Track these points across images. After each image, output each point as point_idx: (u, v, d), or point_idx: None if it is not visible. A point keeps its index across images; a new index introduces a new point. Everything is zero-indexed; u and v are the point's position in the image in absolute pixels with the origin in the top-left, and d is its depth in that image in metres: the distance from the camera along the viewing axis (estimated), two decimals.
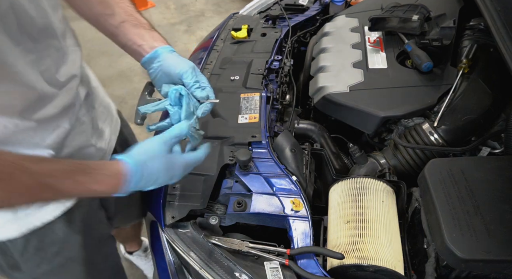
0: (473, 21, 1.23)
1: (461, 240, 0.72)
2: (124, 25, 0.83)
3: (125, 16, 0.83)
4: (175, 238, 0.87)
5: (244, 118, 1.05)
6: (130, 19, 0.84)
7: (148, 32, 0.84)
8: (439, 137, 1.02)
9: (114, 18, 0.83)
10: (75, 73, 0.79)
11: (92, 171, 0.64)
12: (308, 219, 0.84)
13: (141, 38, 0.83)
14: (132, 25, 0.84)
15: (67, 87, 0.76)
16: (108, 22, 0.83)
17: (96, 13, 0.82)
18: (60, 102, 0.74)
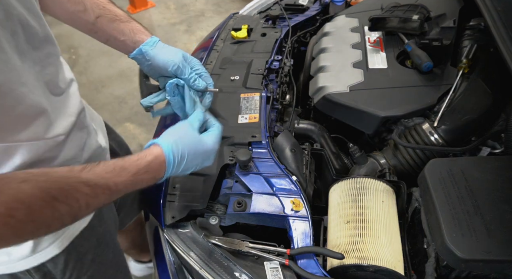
0: (473, 21, 1.23)
1: (461, 240, 0.72)
2: (101, 20, 0.80)
3: (99, 10, 0.80)
4: (175, 238, 0.87)
5: (244, 118, 1.05)
6: (105, 13, 0.80)
7: (126, 25, 0.82)
8: (439, 137, 1.02)
9: (88, 14, 0.79)
10: (71, 77, 0.78)
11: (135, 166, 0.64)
12: (308, 219, 0.84)
13: (121, 33, 0.81)
14: (108, 19, 0.80)
15: (67, 93, 0.75)
16: (83, 19, 0.79)
17: (68, 11, 0.79)
18: (71, 109, 0.74)
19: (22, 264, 0.72)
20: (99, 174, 0.60)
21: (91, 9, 0.79)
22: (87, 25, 0.80)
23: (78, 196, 0.56)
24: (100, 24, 0.80)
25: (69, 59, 3.00)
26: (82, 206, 0.57)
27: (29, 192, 0.51)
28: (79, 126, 0.76)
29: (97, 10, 0.80)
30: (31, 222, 0.51)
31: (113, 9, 0.82)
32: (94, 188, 0.58)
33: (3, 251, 0.68)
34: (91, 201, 0.58)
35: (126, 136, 2.46)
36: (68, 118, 0.72)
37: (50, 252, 0.74)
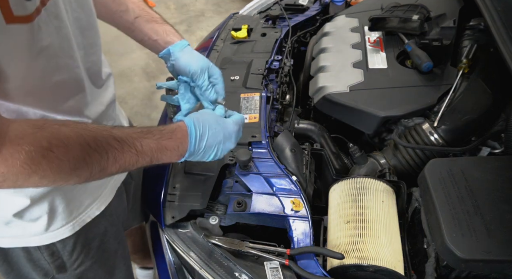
0: (473, 21, 1.23)
1: (461, 240, 0.72)
2: (139, 21, 0.88)
3: (139, 11, 0.88)
4: (175, 238, 0.87)
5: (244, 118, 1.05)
6: (143, 14, 0.89)
7: (161, 26, 0.90)
8: (439, 137, 1.02)
9: (129, 14, 0.87)
10: (109, 71, 0.86)
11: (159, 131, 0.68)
12: (308, 219, 0.84)
13: (155, 33, 0.88)
14: (146, 20, 0.88)
15: (106, 85, 0.82)
16: (123, 19, 0.87)
17: (112, 11, 0.86)
18: (105, 99, 0.80)
19: (35, 240, 0.76)
20: (128, 133, 0.64)
21: (132, 10, 0.87)
22: (126, 24, 0.88)
23: (107, 148, 0.60)
24: (138, 23, 0.88)
25: None
26: (110, 159, 0.60)
27: (68, 134, 0.55)
28: (106, 116, 0.82)
29: (137, 11, 0.88)
30: (67, 161, 0.55)
31: (150, 12, 0.91)
32: (122, 144, 0.61)
33: (19, 225, 0.73)
34: (118, 156, 0.61)
35: None
36: (99, 106, 0.78)
37: (61, 233, 0.78)
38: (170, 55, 0.89)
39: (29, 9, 0.53)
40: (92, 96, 0.75)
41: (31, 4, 0.53)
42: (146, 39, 0.89)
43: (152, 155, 0.66)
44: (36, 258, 0.79)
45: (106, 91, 0.82)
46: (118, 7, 0.87)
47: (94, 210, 0.83)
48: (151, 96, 2.71)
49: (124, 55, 2.99)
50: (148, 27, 0.89)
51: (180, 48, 0.89)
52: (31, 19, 0.53)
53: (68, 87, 0.67)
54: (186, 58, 0.88)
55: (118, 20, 0.88)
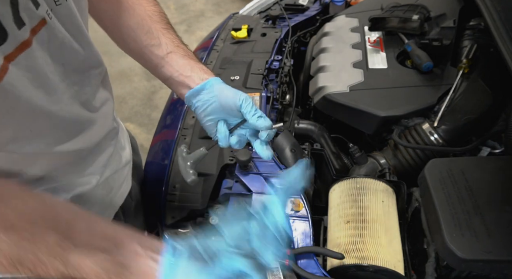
0: (473, 21, 1.23)
1: (461, 240, 0.72)
2: (171, 56, 0.78)
3: (172, 47, 0.79)
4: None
5: None
6: (178, 50, 0.79)
7: (197, 63, 0.80)
8: (439, 137, 1.02)
9: (161, 49, 0.78)
10: (108, 96, 0.79)
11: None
12: (308, 219, 0.84)
13: (190, 69, 0.78)
14: (180, 56, 0.79)
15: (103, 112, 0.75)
16: (154, 54, 0.78)
17: (142, 45, 0.78)
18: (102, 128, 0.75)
19: None
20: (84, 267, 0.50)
21: (165, 44, 0.78)
22: (155, 60, 0.79)
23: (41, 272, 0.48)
24: (169, 58, 0.78)
25: None
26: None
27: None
28: (105, 144, 0.77)
29: (171, 47, 0.79)
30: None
31: (186, 49, 0.81)
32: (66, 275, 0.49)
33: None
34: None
35: None
36: (95, 136, 0.73)
37: None
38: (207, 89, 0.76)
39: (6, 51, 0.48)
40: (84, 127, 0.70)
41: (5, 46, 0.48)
42: (176, 75, 0.78)
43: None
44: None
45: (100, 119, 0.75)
46: (150, 41, 0.78)
47: None
48: (151, 96, 2.71)
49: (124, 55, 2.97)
50: (182, 62, 0.78)
51: (219, 81, 0.78)
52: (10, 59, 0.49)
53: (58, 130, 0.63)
54: (229, 90, 0.76)
55: (148, 55, 0.79)
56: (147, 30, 0.78)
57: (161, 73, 0.80)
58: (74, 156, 0.70)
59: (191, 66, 0.78)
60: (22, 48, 0.51)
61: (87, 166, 0.75)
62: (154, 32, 0.78)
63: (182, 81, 0.78)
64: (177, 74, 0.78)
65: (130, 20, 0.77)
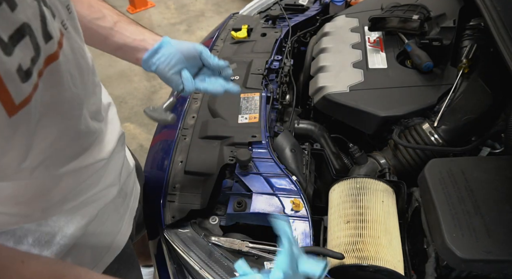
0: (473, 21, 1.23)
1: (461, 240, 0.72)
2: (119, 24, 0.80)
3: (116, 16, 0.81)
4: (175, 238, 0.87)
5: (244, 118, 1.05)
6: (123, 19, 0.82)
7: (144, 28, 0.84)
8: (439, 137, 1.02)
9: (106, 20, 0.79)
10: (109, 100, 0.80)
11: None
12: (308, 219, 0.84)
13: (141, 33, 0.81)
14: (127, 23, 0.82)
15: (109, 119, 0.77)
16: (101, 26, 0.79)
17: (86, 20, 0.77)
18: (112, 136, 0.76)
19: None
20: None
21: (109, 15, 0.80)
22: (103, 31, 0.79)
23: None
24: (118, 27, 0.80)
25: None
26: None
27: None
28: (117, 150, 0.77)
29: (115, 16, 0.81)
30: None
31: (127, 17, 0.84)
32: None
33: None
34: None
35: (126, 137, 2.46)
36: (108, 144, 0.73)
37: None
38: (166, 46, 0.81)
39: (27, 91, 0.46)
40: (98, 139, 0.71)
41: (28, 85, 0.45)
42: (131, 41, 0.80)
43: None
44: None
45: (109, 126, 0.76)
46: (94, 15, 0.78)
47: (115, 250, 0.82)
48: (151, 96, 2.71)
49: None
50: (131, 28, 0.81)
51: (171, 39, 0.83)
52: (29, 100, 0.46)
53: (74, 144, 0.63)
54: (185, 42, 0.82)
55: (95, 29, 0.79)
56: (88, 5, 0.78)
57: (113, 43, 0.81)
58: (92, 169, 0.69)
59: (140, 30, 0.82)
60: (47, 63, 0.50)
61: (107, 176, 0.75)
62: (95, 5, 0.79)
63: (137, 46, 0.80)
64: (131, 40, 0.80)
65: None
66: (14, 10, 0.42)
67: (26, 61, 0.45)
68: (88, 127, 0.65)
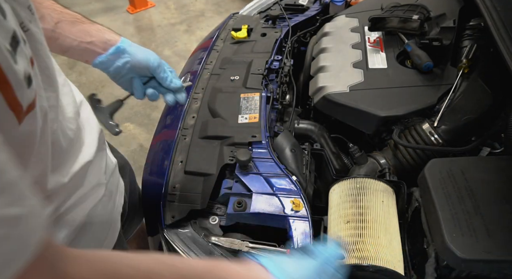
0: (473, 21, 1.23)
1: (461, 240, 0.72)
2: (61, 25, 0.72)
3: (57, 15, 0.73)
4: (175, 238, 0.87)
5: (244, 118, 1.05)
6: (65, 17, 0.73)
7: (90, 25, 0.76)
8: (439, 137, 1.02)
9: (46, 21, 0.71)
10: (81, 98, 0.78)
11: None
12: (308, 219, 0.84)
13: (88, 34, 0.74)
14: (70, 23, 0.73)
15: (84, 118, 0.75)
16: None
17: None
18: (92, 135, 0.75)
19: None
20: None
21: (48, 15, 0.72)
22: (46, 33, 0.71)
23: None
24: (61, 29, 0.72)
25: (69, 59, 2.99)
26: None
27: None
28: (100, 149, 0.76)
29: (55, 15, 0.72)
30: None
31: (71, 12, 0.75)
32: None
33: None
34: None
35: (126, 137, 2.46)
36: (90, 145, 0.73)
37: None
38: (120, 54, 0.76)
39: (31, 96, 0.45)
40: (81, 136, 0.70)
41: (31, 91, 0.45)
42: (76, 44, 0.73)
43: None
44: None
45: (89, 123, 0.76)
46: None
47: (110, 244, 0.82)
48: None
49: None
50: (75, 30, 0.73)
51: (128, 44, 0.77)
52: (34, 106, 0.46)
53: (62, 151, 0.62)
54: (141, 53, 0.78)
55: None
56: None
57: (58, 46, 0.75)
58: (79, 171, 0.69)
59: (87, 31, 0.74)
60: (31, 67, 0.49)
61: (93, 177, 0.75)
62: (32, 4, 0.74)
63: (84, 49, 0.75)
64: (76, 43, 0.74)
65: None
66: (6, 17, 0.40)
67: (27, 67, 0.45)
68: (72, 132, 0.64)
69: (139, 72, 0.80)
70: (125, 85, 0.83)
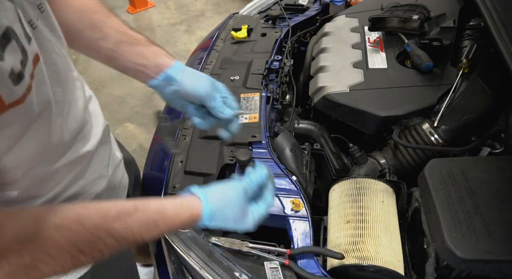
0: (473, 21, 1.23)
1: (461, 240, 0.72)
2: (120, 46, 0.76)
3: (119, 35, 0.76)
4: (175, 238, 0.87)
5: (244, 118, 1.05)
6: (125, 38, 0.76)
7: (147, 47, 0.78)
8: (439, 137, 1.02)
9: (107, 41, 0.75)
10: (90, 93, 0.80)
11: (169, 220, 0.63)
12: (308, 219, 0.84)
13: (142, 57, 0.76)
14: (129, 44, 0.76)
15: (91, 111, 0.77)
16: (102, 47, 0.75)
17: (88, 40, 0.75)
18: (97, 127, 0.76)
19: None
20: (130, 227, 0.58)
21: (109, 35, 0.75)
22: (106, 52, 0.76)
23: (102, 248, 0.56)
24: (120, 50, 0.76)
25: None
26: (104, 256, 0.57)
27: (58, 243, 0.52)
28: (103, 142, 0.77)
29: (117, 36, 0.76)
30: (51, 271, 0.52)
31: (133, 34, 0.78)
32: (120, 242, 0.57)
33: None
34: (114, 251, 0.58)
35: (126, 137, 2.46)
36: (94, 136, 0.74)
37: (78, 272, 0.75)
38: (169, 81, 0.76)
39: (19, 93, 0.48)
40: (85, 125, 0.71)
41: (20, 87, 0.47)
42: (132, 66, 0.76)
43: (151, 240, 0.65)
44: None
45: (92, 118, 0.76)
46: (94, 35, 0.74)
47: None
48: (151, 96, 2.70)
49: None
50: (132, 51, 0.75)
51: (180, 70, 0.77)
52: (23, 100, 0.48)
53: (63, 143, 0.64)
54: (191, 80, 0.76)
55: (95, 48, 0.76)
56: (90, 23, 0.75)
57: (117, 65, 0.78)
58: (78, 165, 0.70)
59: (142, 53, 0.76)
60: (35, 64, 0.51)
61: (95, 168, 0.75)
62: (97, 23, 0.75)
63: (138, 71, 0.77)
64: (132, 65, 0.77)
65: (69, 15, 0.73)
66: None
67: (17, 65, 0.46)
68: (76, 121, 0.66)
69: (189, 100, 0.78)
70: (180, 109, 0.82)
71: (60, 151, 0.64)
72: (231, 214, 0.67)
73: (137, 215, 0.59)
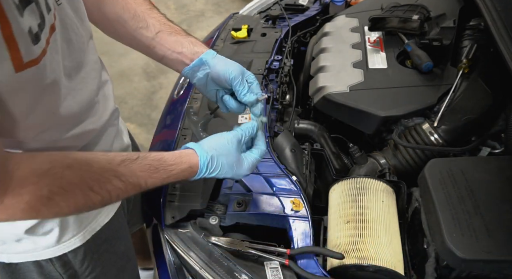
0: (473, 21, 1.23)
1: (461, 240, 0.72)
2: (160, 35, 0.81)
3: (159, 25, 0.82)
4: (175, 238, 0.87)
5: (244, 118, 1.05)
6: (165, 28, 0.82)
7: (185, 37, 0.83)
8: (439, 137, 1.02)
9: (149, 30, 0.81)
10: (106, 78, 0.83)
11: (169, 167, 0.69)
12: (308, 219, 0.84)
13: (181, 45, 0.81)
14: (168, 33, 0.82)
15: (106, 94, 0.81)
16: (144, 36, 0.81)
17: (131, 29, 0.81)
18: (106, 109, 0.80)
19: (47, 253, 0.76)
20: (134, 172, 0.64)
21: (152, 25, 0.81)
22: (146, 41, 0.82)
23: (110, 189, 0.62)
24: (159, 38, 0.81)
25: None
26: (112, 197, 0.63)
27: (70, 180, 0.57)
28: (110, 124, 0.81)
29: (158, 26, 0.82)
30: (66, 207, 0.58)
31: (172, 25, 0.84)
32: (126, 184, 0.63)
33: (30, 240, 0.74)
34: (121, 194, 0.64)
35: None
36: (102, 117, 0.77)
37: (72, 244, 0.78)
38: (201, 65, 0.81)
39: (36, 52, 0.52)
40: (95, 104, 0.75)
41: (38, 47, 0.52)
42: (169, 54, 0.82)
43: (155, 187, 0.69)
44: (48, 270, 0.79)
45: (104, 101, 0.80)
46: (137, 24, 0.81)
47: (103, 218, 0.83)
48: (151, 96, 2.71)
49: (124, 55, 2.99)
50: (171, 40, 0.82)
51: (212, 55, 0.82)
52: (38, 61, 0.53)
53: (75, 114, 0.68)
54: (222, 64, 0.81)
55: (139, 38, 0.82)
56: (133, 14, 0.80)
57: (155, 54, 0.84)
58: (84, 139, 0.73)
59: (180, 42, 0.82)
60: (51, 32, 0.56)
61: (101, 148, 0.79)
62: (140, 14, 0.81)
63: (175, 59, 0.82)
64: (170, 52, 0.82)
65: (115, 7, 0.80)
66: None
67: (34, 26, 0.51)
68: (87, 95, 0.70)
69: (220, 84, 0.82)
70: (212, 98, 0.86)
71: (68, 122, 0.68)
72: (226, 160, 0.73)
73: (139, 161, 0.66)
